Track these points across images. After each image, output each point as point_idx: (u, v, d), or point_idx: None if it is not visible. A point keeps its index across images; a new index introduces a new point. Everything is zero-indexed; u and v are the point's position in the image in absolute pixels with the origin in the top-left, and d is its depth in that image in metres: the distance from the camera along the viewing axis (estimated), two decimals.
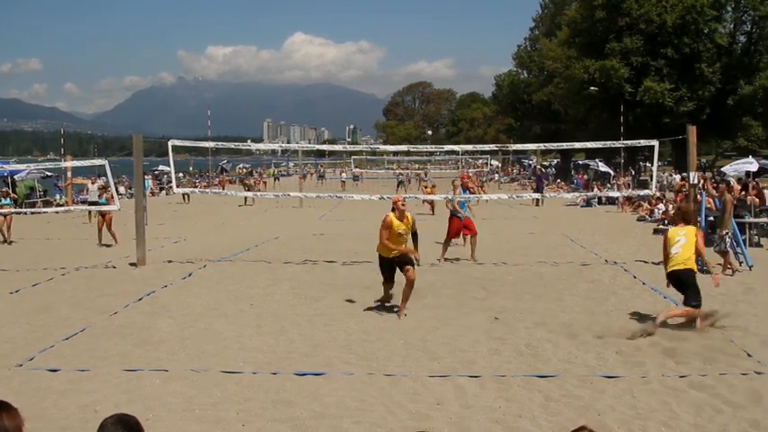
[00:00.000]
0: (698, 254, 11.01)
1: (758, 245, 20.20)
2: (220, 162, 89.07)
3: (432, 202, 32.53)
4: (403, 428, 7.06)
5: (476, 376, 8.59)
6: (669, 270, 11.16)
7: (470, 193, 19.73)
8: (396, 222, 11.92)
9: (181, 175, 66.58)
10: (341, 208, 36.75)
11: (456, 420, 7.25)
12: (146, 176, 36.28)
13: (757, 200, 23.03)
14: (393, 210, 12.04)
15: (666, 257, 11.22)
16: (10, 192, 27.00)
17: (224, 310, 12.47)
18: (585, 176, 54.22)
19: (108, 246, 21.60)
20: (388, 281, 12.48)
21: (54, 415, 7.39)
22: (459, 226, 18.62)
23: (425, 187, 41.44)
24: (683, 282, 11.01)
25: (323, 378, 8.60)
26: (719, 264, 15.93)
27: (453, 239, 18.82)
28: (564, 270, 16.64)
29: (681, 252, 11.02)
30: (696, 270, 11.05)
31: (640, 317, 11.66)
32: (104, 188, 23.16)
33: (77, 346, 10.20)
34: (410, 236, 12.29)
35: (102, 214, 21.97)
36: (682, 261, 10.99)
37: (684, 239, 11.06)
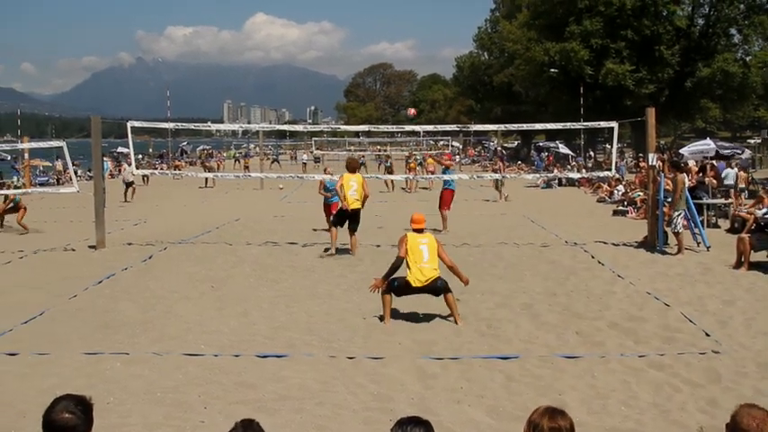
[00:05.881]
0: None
1: (716, 226, 20.44)
2: (180, 144, 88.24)
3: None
4: (365, 409, 7.08)
5: (438, 358, 8.63)
6: (353, 208, 16.04)
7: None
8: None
9: (140, 156, 65.84)
10: (303, 189, 36.63)
11: (417, 401, 7.29)
12: (105, 158, 35.90)
13: (715, 181, 23.30)
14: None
15: (347, 196, 16.00)
16: None
17: (185, 293, 12.40)
18: (547, 155, 54.45)
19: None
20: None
21: (13, 399, 7.31)
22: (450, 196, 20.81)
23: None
24: (357, 216, 16.22)
25: (285, 360, 8.59)
26: (676, 245, 16.14)
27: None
28: (525, 251, 16.74)
29: (356, 195, 16.07)
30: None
31: (599, 296, 11.79)
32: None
33: (36, 329, 10.10)
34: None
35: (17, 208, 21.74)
36: (356, 200, 16.03)
37: (355, 185, 16.14)
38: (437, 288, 10.29)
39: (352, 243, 16.38)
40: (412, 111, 24.63)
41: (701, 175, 23.79)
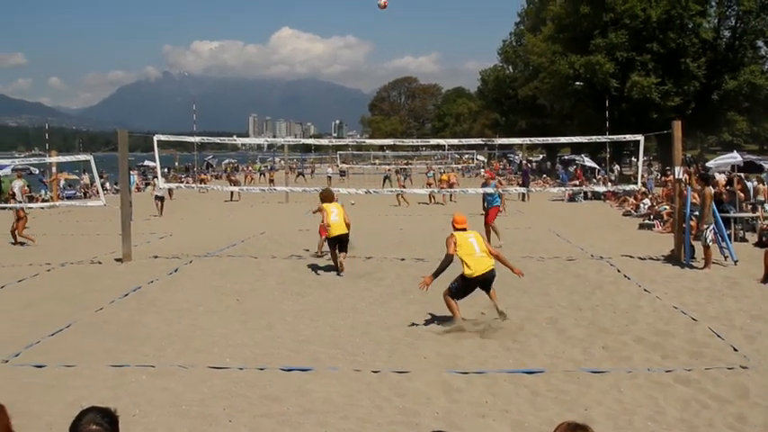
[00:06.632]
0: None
1: (743, 239, 20.26)
2: (206, 157, 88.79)
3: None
4: (390, 423, 7.06)
5: (463, 372, 8.60)
6: (336, 235, 15.51)
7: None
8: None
9: (166, 169, 66.25)
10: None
11: (443, 415, 7.26)
12: (131, 172, 36.15)
13: (742, 194, 23.10)
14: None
15: (330, 223, 15.46)
16: None
17: (210, 306, 12.45)
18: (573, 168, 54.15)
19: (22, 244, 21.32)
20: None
21: (40, 411, 7.36)
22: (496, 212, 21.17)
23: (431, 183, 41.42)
24: (344, 240, 15.70)
25: (309, 374, 8.60)
26: (703, 258, 15.98)
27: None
28: (550, 265, 16.67)
29: (338, 220, 15.59)
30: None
31: (626, 311, 11.71)
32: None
33: (63, 341, 10.18)
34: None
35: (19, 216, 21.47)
36: (339, 224, 15.53)
37: (336, 211, 15.76)
38: (491, 279, 10.69)
39: (340, 262, 15.85)
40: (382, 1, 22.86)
41: (727, 188, 23.59)
